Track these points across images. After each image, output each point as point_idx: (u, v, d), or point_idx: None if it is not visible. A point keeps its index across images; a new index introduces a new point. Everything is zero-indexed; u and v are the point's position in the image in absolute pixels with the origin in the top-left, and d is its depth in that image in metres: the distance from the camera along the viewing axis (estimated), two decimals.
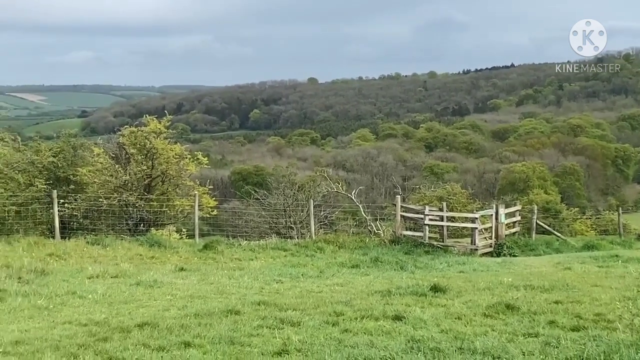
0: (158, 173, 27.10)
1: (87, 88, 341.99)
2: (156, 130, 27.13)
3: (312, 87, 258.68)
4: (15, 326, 10.47)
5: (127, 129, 27.82)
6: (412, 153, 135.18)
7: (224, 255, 21.30)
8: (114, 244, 21.37)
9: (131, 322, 10.44)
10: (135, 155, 26.95)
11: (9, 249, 19.49)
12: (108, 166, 27.05)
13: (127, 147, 27.26)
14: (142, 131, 27.16)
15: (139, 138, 26.98)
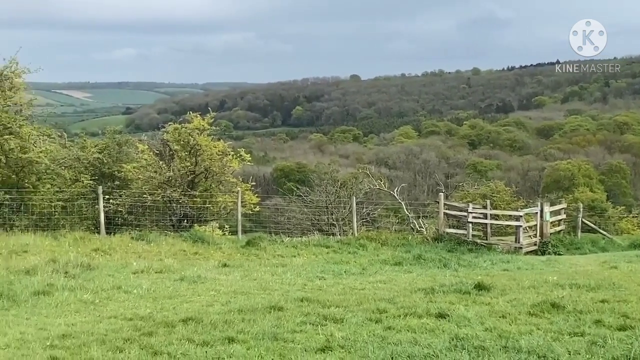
0: (201, 169, 27.27)
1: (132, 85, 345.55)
2: (200, 127, 27.30)
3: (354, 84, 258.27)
4: (62, 320, 10.62)
5: (171, 126, 28.06)
6: (455, 150, 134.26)
7: (266, 251, 21.36)
8: (158, 240, 21.54)
9: (175, 317, 10.51)
10: (179, 151, 27.15)
11: (55, 244, 19.77)
12: (152, 162, 27.29)
13: (171, 143, 27.48)
14: (186, 128, 27.36)
15: (183, 135, 27.18)
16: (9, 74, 26.35)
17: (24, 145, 25.31)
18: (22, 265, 15.37)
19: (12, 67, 26.37)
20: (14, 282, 13.23)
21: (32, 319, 10.67)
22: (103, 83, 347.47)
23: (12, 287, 12.68)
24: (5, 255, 17.46)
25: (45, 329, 9.95)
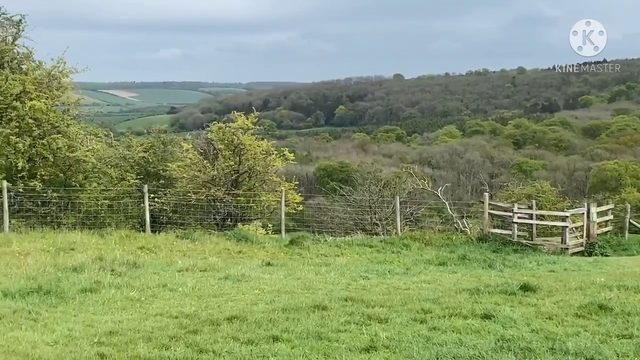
0: (245, 169, 27.40)
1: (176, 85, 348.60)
2: (243, 127, 27.44)
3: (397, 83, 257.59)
4: (109, 317, 10.74)
5: (216, 125, 28.25)
6: (499, 150, 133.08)
7: (309, 250, 21.36)
8: (202, 238, 21.69)
9: (220, 316, 10.57)
10: (223, 150, 27.33)
11: (102, 242, 20.01)
12: (197, 161, 27.50)
13: (215, 142, 27.67)
14: (230, 127, 27.52)
15: (227, 134, 27.35)
16: (56, 74, 26.76)
17: (72, 144, 25.68)
18: (70, 263, 15.58)
19: (59, 67, 26.78)
20: (62, 280, 13.41)
21: (79, 316, 10.80)
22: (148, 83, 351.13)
23: (60, 284, 12.85)
24: (53, 252, 17.71)
25: (92, 326, 10.08)
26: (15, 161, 23.92)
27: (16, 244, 18.84)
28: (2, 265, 15.01)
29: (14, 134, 24.05)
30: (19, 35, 26.59)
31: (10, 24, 26.34)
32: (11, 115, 24.48)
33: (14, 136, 24.00)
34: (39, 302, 11.53)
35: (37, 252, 17.56)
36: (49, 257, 16.71)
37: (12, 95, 24.59)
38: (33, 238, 20.23)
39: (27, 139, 24.34)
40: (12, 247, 18.38)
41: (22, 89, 24.81)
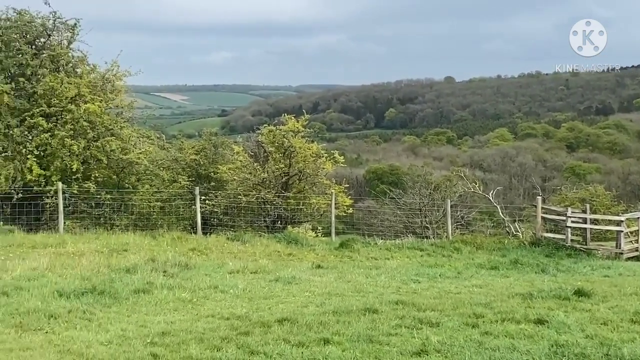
0: (295, 171, 27.47)
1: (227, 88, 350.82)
2: (294, 129, 27.52)
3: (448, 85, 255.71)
4: (162, 318, 10.84)
5: (266, 128, 28.37)
6: (552, 153, 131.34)
7: (360, 253, 21.33)
8: (252, 241, 21.78)
9: (271, 318, 10.60)
10: (273, 153, 27.44)
11: (154, 243, 20.22)
12: (247, 164, 27.66)
13: (265, 145, 27.80)
14: (281, 130, 27.62)
15: (277, 137, 27.45)
16: (110, 77, 27.17)
17: (125, 146, 26.02)
18: (123, 264, 15.77)
19: (113, 71, 27.18)
20: (115, 280, 13.58)
21: (132, 316, 10.93)
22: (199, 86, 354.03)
23: (113, 285, 13.02)
24: (106, 253, 17.95)
25: (145, 326, 10.18)
26: (70, 163, 24.31)
27: (71, 245, 19.13)
28: (58, 266, 15.25)
29: (69, 136, 24.44)
30: (73, 39, 27.03)
31: (65, 28, 26.79)
32: (66, 118, 24.89)
33: (69, 138, 24.39)
34: (93, 302, 11.68)
35: (91, 253, 17.81)
36: (103, 258, 16.94)
37: (67, 98, 25.01)
38: (87, 239, 20.53)
39: (82, 141, 24.71)
40: (66, 248, 18.67)
41: (76, 92, 25.21)
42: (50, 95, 25.05)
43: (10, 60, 25.19)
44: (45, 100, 25.05)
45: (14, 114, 24.64)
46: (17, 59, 25.27)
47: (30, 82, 25.23)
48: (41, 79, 25.17)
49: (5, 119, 24.24)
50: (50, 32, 26.60)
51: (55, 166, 24.45)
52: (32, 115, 24.52)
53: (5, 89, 24.30)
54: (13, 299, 11.61)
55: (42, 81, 25.04)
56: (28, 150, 24.06)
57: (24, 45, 25.56)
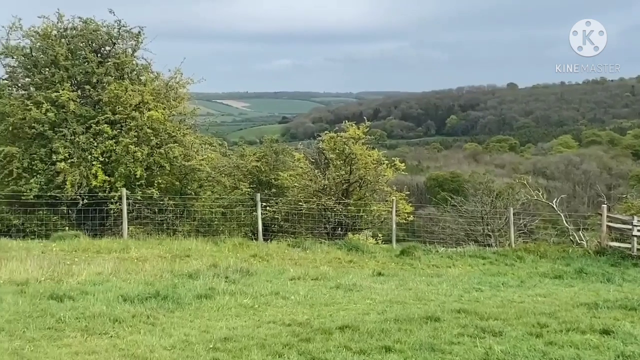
0: (356, 178, 27.41)
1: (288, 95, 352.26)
2: (355, 136, 27.47)
3: (511, 92, 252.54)
4: (224, 323, 10.90)
5: (327, 135, 28.39)
6: (617, 161, 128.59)
7: (421, 261, 21.18)
8: (313, 247, 21.80)
9: (332, 324, 10.57)
10: (334, 160, 27.43)
11: (216, 249, 20.41)
12: (308, 171, 27.70)
13: (326, 152, 27.81)
14: (341, 137, 27.59)
15: (338, 144, 27.43)
16: (174, 85, 27.52)
17: (187, 153, 26.32)
18: (186, 269, 15.93)
19: (177, 78, 27.56)
20: (178, 286, 13.72)
21: (195, 322, 11.01)
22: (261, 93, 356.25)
23: (176, 290, 13.14)
24: (169, 259, 18.18)
25: (207, 332, 10.25)
26: (134, 170, 24.68)
27: (134, 250, 19.44)
28: (122, 271, 15.47)
29: (133, 143, 24.81)
30: (138, 47, 27.47)
31: (129, 37, 27.23)
32: (130, 125, 25.28)
33: (133, 145, 24.76)
34: (156, 307, 11.81)
35: (154, 258, 18.07)
36: (166, 263, 17.15)
37: (131, 105, 25.40)
38: (150, 244, 20.82)
39: (145, 148, 25.07)
40: (130, 253, 18.98)
41: (140, 99, 25.60)
42: (115, 103, 25.48)
43: (76, 69, 25.69)
44: (110, 107, 25.49)
45: (80, 121, 25.11)
46: (83, 67, 25.77)
47: (96, 90, 25.71)
48: (106, 87, 25.62)
49: (71, 126, 24.72)
50: (115, 40, 27.06)
51: (119, 172, 24.84)
52: (98, 122, 24.97)
53: (72, 97, 24.79)
54: (79, 303, 11.81)
55: (107, 89, 25.48)
56: (93, 156, 24.50)
57: (89, 54, 26.06)
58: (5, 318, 10.55)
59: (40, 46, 26.10)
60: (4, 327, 10.09)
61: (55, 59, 25.54)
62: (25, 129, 24.83)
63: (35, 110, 24.33)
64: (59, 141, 24.38)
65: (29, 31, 26.18)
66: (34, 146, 24.87)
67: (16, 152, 24.31)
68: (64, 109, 24.78)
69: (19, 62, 26.46)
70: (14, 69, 26.69)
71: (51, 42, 25.85)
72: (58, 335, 9.86)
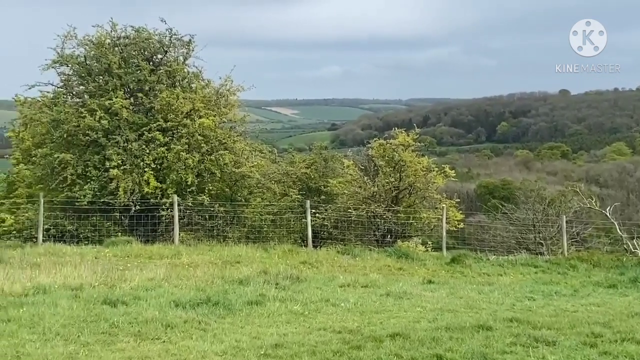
0: (405, 185, 27.33)
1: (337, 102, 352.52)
2: (404, 143, 27.40)
3: (563, 98, 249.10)
4: (274, 330, 10.92)
5: (376, 142, 28.36)
6: None
7: (471, 269, 21.01)
8: (362, 255, 21.77)
9: (383, 332, 10.52)
10: (383, 167, 27.38)
11: (265, 256, 20.50)
12: (357, 178, 27.69)
13: (376, 159, 27.77)
14: (391, 144, 27.54)
15: (388, 151, 27.40)
16: (224, 92, 27.75)
17: (238, 160, 26.50)
18: (236, 276, 16.00)
19: (227, 86, 27.79)
20: (229, 292, 13.78)
21: (246, 328, 11.05)
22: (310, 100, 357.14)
23: (227, 296, 13.20)
24: (220, 265, 18.30)
25: (258, 338, 10.28)
26: (185, 176, 24.91)
27: (186, 256, 19.62)
28: (174, 277, 15.62)
29: (184, 150, 25.05)
30: (189, 55, 27.76)
31: (181, 45, 27.55)
32: (182, 132, 25.54)
33: (184, 152, 25.00)
34: (208, 312, 11.88)
35: (205, 264, 18.20)
36: (216, 270, 17.24)
37: (182, 113, 25.66)
38: (201, 251, 21.00)
39: (196, 155, 25.29)
40: (181, 259, 19.16)
41: (191, 107, 25.84)
42: (166, 110, 25.77)
43: (129, 77, 26.05)
44: (162, 115, 25.79)
45: (132, 129, 25.44)
46: (135, 75, 26.12)
47: (148, 98, 26.03)
48: (158, 95, 25.92)
49: (124, 133, 25.06)
50: (167, 48, 27.40)
51: (171, 179, 25.11)
52: (150, 129, 25.28)
53: (125, 104, 25.13)
54: (132, 308, 11.94)
55: (159, 96, 25.77)
56: (145, 163, 24.80)
57: (142, 62, 26.41)
58: (60, 322, 10.72)
59: (94, 55, 26.53)
60: (59, 331, 10.25)
61: (109, 67, 25.94)
62: (79, 136, 25.22)
63: (89, 117, 24.72)
64: (112, 148, 24.72)
65: (84, 40, 26.66)
66: (88, 153, 25.25)
67: (70, 159, 24.70)
68: (117, 117, 25.14)
69: (73, 70, 26.94)
70: (69, 77, 27.18)
71: (105, 50, 26.25)
72: (111, 340, 9.99)
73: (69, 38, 26.55)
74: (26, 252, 19.55)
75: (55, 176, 25.04)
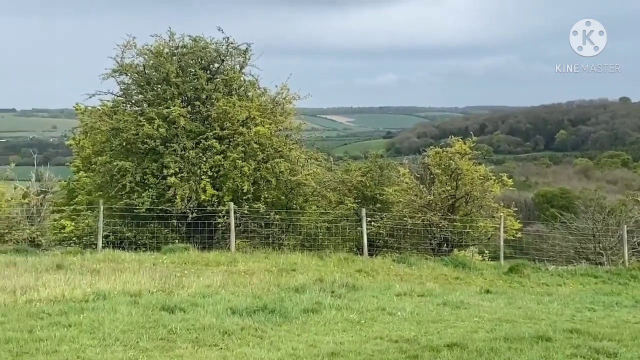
0: (462, 194, 27.07)
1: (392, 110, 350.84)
2: (461, 151, 27.15)
3: (624, 106, 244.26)
4: (331, 338, 10.90)
5: (432, 150, 28.15)
6: None
7: (530, 279, 20.80)
8: (418, 263, 21.68)
9: (440, 342, 10.44)
10: (439, 175, 27.17)
11: (321, 264, 20.52)
12: (413, 186, 27.51)
13: (432, 167, 27.57)
14: (447, 152, 27.33)
15: (444, 159, 27.17)
16: (280, 100, 27.85)
17: (293, 168, 26.52)
18: (292, 283, 16.04)
19: (283, 94, 27.86)
20: (285, 299, 13.81)
21: (302, 336, 11.05)
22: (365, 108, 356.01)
23: (283, 304, 13.23)
24: (275, 273, 18.38)
25: (315, 346, 10.27)
26: (241, 184, 25.03)
27: (242, 264, 19.75)
28: (230, 284, 15.72)
29: (240, 158, 25.19)
30: (245, 64, 27.92)
31: (237, 53, 27.72)
32: (238, 140, 25.68)
33: (240, 160, 25.14)
34: (264, 320, 11.92)
35: (261, 272, 18.29)
36: (272, 277, 17.33)
37: (239, 121, 25.81)
38: (257, 258, 21.12)
39: (252, 162, 25.40)
40: (238, 267, 19.28)
41: (248, 115, 25.97)
42: (223, 119, 25.94)
43: (186, 85, 26.30)
44: (218, 123, 25.97)
45: (189, 137, 25.67)
46: (193, 83, 26.36)
47: (205, 106, 26.23)
48: (215, 103, 26.11)
49: (181, 141, 25.30)
50: (224, 57, 27.60)
51: (227, 187, 25.26)
52: (207, 137, 25.48)
53: (182, 113, 25.37)
54: (189, 314, 12.04)
55: (216, 105, 25.96)
56: (202, 171, 24.99)
57: (199, 71, 26.65)
58: (120, 328, 10.85)
59: (153, 64, 26.86)
60: (119, 337, 10.38)
61: (167, 76, 26.23)
62: (138, 144, 25.53)
63: (148, 126, 25.01)
64: (170, 156, 24.97)
65: (143, 49, 27.01)
66: (146, 161, 25.54)
67: (129, 167, 25.01)
68: (174, 125, 25.40)
69: (132, 79, 27.32)
70: (128, 86, 27.56)
71: (163, 59, 26.56)
72: (170, 346, 10.08)
73: (128, 48, 26.94)
74: (86, 258, 19.90)
75: (114, 183, 25.38)
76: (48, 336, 10.30)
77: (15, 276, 15.43)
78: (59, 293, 13.43)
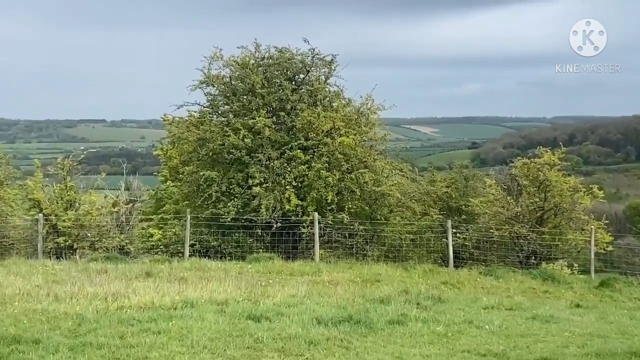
0: (551, 206, 26.46)
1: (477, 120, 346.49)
2: (549, 162, 26.58)
3: None
4: (417, 350, 10.78)
5: (520, 161, 27.63)
6: None
7: (621, 293, 20.18)
8: (506, 276, 21.29)
9: (530, 357, 10.21)
10: (527, 187, 26.64)
11: (405, 275, 20.35)
12: (500, 197, 27.05)
13: (519, 178, 27.07)
14: (535, 163, 26.79)
15: (532, 170, 26.64)
16: (365, 111, 27.80)
17: (377, 178, 26.41)
18: (377, 294, 15.96)
19: (367, 105, 27.80)
20: (370, 310, 13.74)
21: (388, 347, 10.96)
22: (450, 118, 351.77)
23: (368, 315, 13.17)
24: (360, 283, 18.32)
25: (401, 358, 10.18)
26: (325, 194, 25.05)
27: (326, 274, 19.75)
28: (315, 294, 15.73)
29: (324, 168, 25.23)
30: (330, 75, 27.97)
31: (323, 64, 27.81)
32: (322, 150, 25.73)
33: (325, 170, 25.17)
34: (349, 331, 11.87)
35: (346, 282, 18.25)
36: (357, 288, 17.28)
37: (323, 131, 25.86)
38: (341, 268, 21.10)
39: (337, 173, 25.39)
40: (322, 277, 19.29)
41: (332, 125, 26.00)
42: (307, 129, 26.04)
43: (272, 96, 26.49)
44: (303, 133, 26.08)
45: (274, 147, 25.85)
46: (278, 94, 26.53)
47: (290, 117, 26.38)
48: (300, 113, 26.23)
49: (266, 151, 25.49)
50: (309, 68, 27.72)
51: (311, 197, 25.31)
52: (291, 147, 25.61)
53: (267, 123, 25.57)
54: (275, 324, 12.08)
55: (301, 115, 26.08)
56: (287, 181, 25.12)
57: (284, 81, 26.82)
58: (208, 336, 10.96)
59: (239, 75, 27.17)
60: (207, 344, 10.49)
61: (252, 87, 26.48)
62: (224, 154, 25.85)
63: (234, 136, 25.29)
64: (255, 166, 25.18)
65: (229, 61, 27.35)
66: (232, 171, 25.82)
67: (215, 177, 25.32)
68: (259, 135, 25.61)
69: (219, 90, 27.69)
70: (215, 97, 27.93)
71: (249, 71, 26.84)
72: (256, 355, 10.12)
73: (215, 59, 27.32)
74: (173, 266, 20.22)
75: (200, 193, 25.73)
76: (138, 342, 10.48)
77: (107, 283, 15.80)
78: (148, 300, 13.68)
